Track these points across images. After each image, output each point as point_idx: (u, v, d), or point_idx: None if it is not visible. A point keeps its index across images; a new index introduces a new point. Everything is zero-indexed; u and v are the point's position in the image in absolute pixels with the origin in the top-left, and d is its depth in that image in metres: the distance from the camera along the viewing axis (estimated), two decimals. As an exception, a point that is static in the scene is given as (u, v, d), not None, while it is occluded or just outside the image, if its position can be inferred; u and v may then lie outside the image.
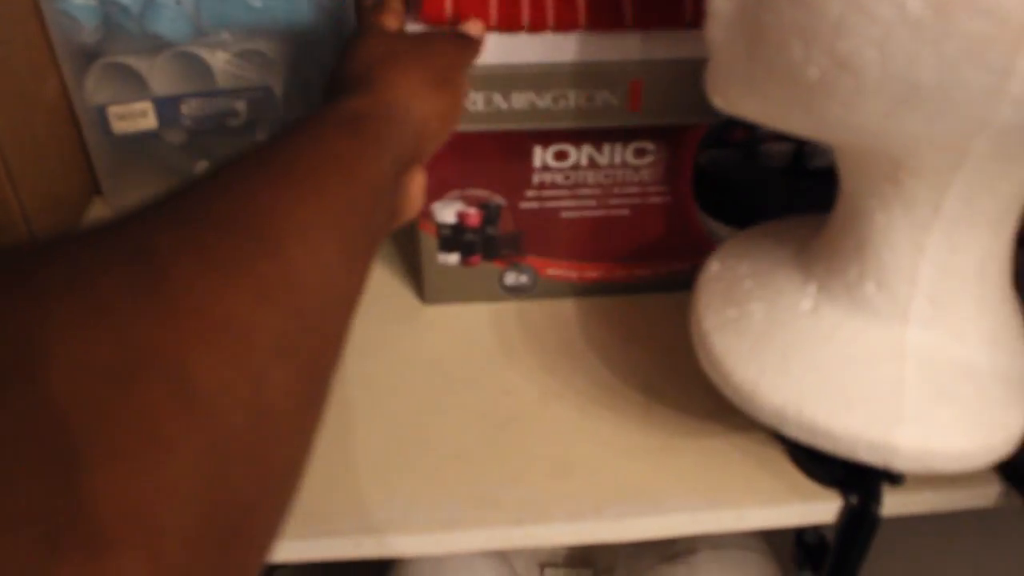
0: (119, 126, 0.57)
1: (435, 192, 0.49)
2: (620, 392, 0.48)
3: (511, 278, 0.53)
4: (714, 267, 0.42)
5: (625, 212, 0.51)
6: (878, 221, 0.35)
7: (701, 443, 0.46)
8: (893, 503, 0.44)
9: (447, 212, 0.50)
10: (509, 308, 0.53)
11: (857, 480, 0.43)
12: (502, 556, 0.73)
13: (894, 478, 0.43)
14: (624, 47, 0.45)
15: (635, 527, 0.43)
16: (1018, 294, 0.40)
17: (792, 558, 0.50)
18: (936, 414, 0.35)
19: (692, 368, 0.48)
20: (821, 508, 0.44)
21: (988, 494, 0.45)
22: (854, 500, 0.43)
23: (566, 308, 0.53)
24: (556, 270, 0.53)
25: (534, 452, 0.45)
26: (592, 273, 0.53)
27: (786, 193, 0.52)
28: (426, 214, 0.50)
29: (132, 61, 0.55)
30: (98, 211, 0.62)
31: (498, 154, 0.48)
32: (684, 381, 0.48)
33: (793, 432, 0.36)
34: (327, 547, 0.41)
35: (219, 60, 0.56)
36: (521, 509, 0.42)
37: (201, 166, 0.60)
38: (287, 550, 0.41)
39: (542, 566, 0.87)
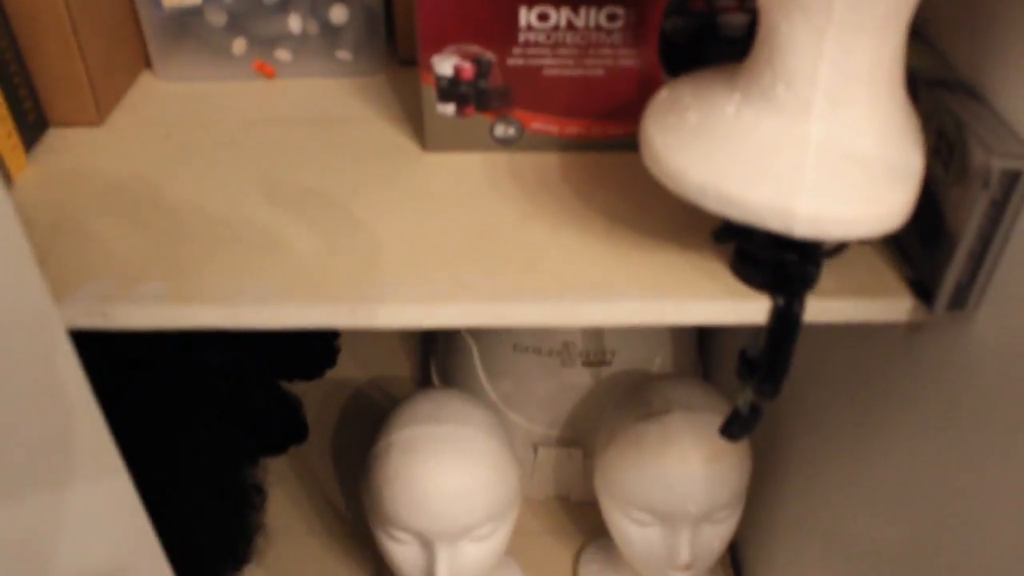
0: (169, 1, 0.66)
1: (435, 46, 0.57)
2: (588, 218, 0.56)
3: (500, 130, 0.61)
4: (663, 93, 0.50)
5: (600, 72, 0.59)
6: (783, 31, 0.42)
7: (654, 255, 0.53)
8: (815, 309, 0.51)
9: (445, 65, 0.58)
10: (499, 157, 0.61)
11: (785, 285, 0.51)
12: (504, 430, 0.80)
13: (811, 279, 0.51)
14: (598, -81, 0.53)
15: (591, 311, 0.50)
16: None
17: (736, 374, 0.57)
18: (830, 188, 0.43)
19: (653, 203, 0.56)
20: (753, 307, 0.51)
21: (901, 307, 0.52)
22: (781, 301, 0.51)
23: (549, 159, 0.61)
24: (540, 124, 0.61)
25: (509, 255, 0.53)
26: (572, 129, 0.61)
27: (739, 60, 0.59)
28: (427, 67, 0.58)
29: (182, -59, 0.64)
30: (146, 80, 0.71)
31: (489, 13, 0.56)
32: (645, 214, 0.56)
33: (713, 205, 0.44)
34: (325, 313, 0.50)
35: (257, -56, 0.64)
36: (494, 292, 0.50)
37: (239, 43, 0.69)
38: (289, 315, 0.50)
39: (536, 446, 0.95)
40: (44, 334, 0.48)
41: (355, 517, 0.98)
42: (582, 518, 0.96)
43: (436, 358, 1.03)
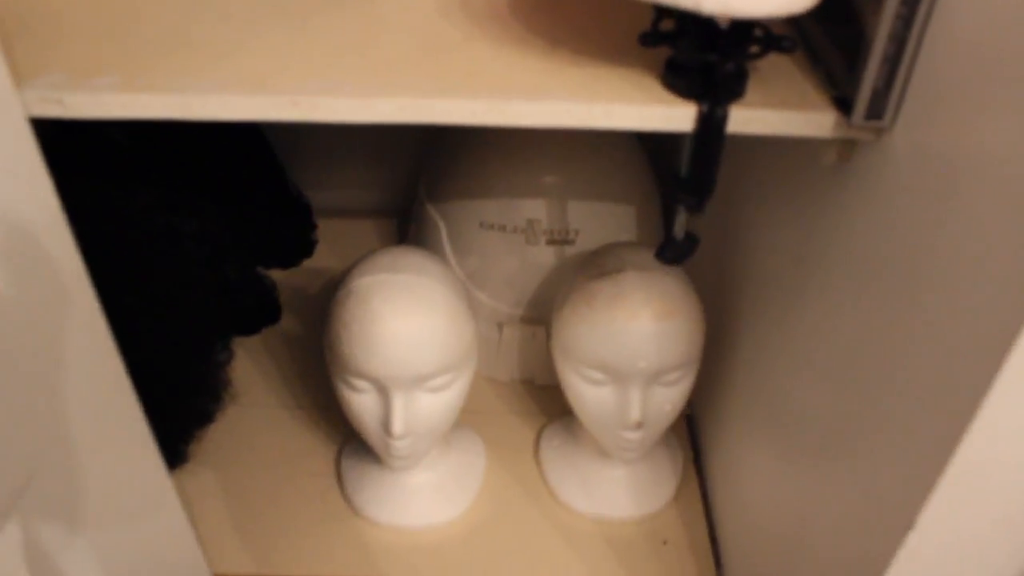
0: None
1: None
2: (531, 41, 0.59)
3: (453, -37, 0.63)
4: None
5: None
6: None
7: (591, 70, 0.56)
8: (740, 119, 0.54)
9: None
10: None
11: (711, 95, 0.53)
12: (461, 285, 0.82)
13: (735, 85, 0.53)
14: None
15: (523, 110, 0.53)
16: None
17: (670, 197, 0.60)
18: (738, -35, 0.45)
19: (596, 34, 0.59)
20: (679, 113, 0.53)
21: (823, 121, 0.55)
22: (705, 107, 0.53)
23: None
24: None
25: (450, 65, 0.56)
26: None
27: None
28: None
29: None
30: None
31: None
32: (587, 39, 0.59)
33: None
34: (268, 104, 0.52)
35: None
36: (432, 90, 0.53)
37: None
38: (235, 106, 0.52)
39: (501, 325, 0.97)
40: (5, 118, 0.51)
41: (326, 394, 1.00)
42: (547, 400, 0.98)
43: (408, 241, 1.06)
